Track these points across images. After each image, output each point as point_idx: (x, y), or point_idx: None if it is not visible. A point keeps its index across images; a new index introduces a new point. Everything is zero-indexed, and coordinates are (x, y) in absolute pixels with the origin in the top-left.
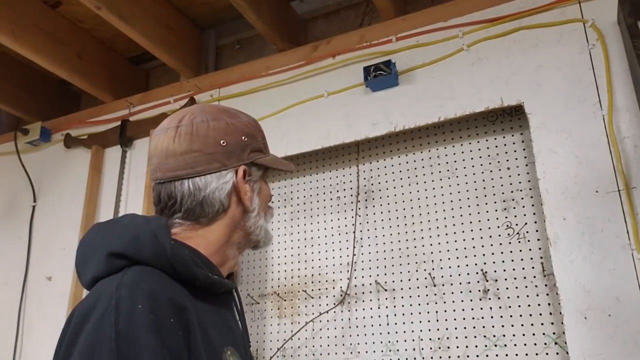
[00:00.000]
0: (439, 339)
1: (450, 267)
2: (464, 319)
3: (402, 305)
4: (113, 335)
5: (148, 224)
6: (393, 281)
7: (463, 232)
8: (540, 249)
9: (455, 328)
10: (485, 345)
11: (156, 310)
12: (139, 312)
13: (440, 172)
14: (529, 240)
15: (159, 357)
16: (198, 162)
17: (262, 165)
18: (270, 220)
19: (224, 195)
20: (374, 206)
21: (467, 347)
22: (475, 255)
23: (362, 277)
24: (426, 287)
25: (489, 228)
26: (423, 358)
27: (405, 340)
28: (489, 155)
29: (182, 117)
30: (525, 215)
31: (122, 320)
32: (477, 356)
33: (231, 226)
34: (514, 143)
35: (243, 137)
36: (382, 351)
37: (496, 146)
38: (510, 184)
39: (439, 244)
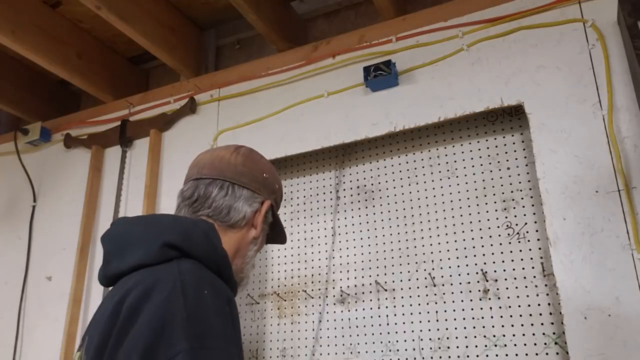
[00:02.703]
0: (439, 339)
1: (450, 267)
2: (464, 319)
3: (402, 305)
4: (184, 314)
5: (197, 224)
6: (393, 281)
7: (463, 232)
8: (540, 249)
9: (455, 328)
10: (485, 345)
11: (216, 297)
12: (206, 297)
13: (440, 172)
14: (529, 240)
15: (223, 339)
16: (244, 176)
17: (275, 218)
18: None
19: (250, 211)
20: (374, 206)
21: (467, 347)
22: (475, 255)
23: (362, 277)
24: (426, 287)
25: (489, 228)
26: (423, 358)
27: (405, 340)
28: (489, 155)
29: (240, 146)
30: (525, 215)
31: (190, 302)
32: (477, 356)
33: (240, 243)
34: (514, 143)
35: (276, 185)
36: (382, 351)
37: (496, 146)
38: (510, 184)
39: (439, 244)
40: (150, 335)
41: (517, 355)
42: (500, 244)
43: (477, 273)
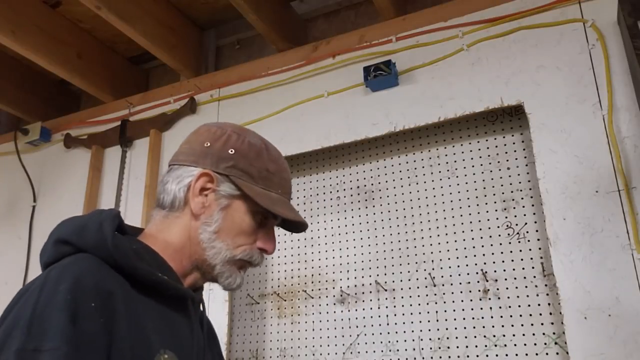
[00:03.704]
0: (439, 339)
1: (450, 267)
2: (464, 319)
3: (402, 305)
4: (29, 314)
5: (100, 215)
6: (393, 281)
7: (463, 232)
8: (540, 249)
9: (455, 328)
10: (485, 345)
11: (76, 293)
12: (59, 292)
13: (440, 172)
14: (529, 240)
15: (65, 338)
16: (182, 153)
17: (239, 188)
18: (242, 263)
19: (179, 188)
20: (374, 206)
21: (467, 347)
22: (475, 255)
23: (362, 277)
24: (426, 287)
25: (489, 228)
26: (423, 358)
27: (405, 340)
28: (489, 155)
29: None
30: (525, 215)
31: (41, 300)
32: (477, 356)
33: (185, 230)
34: (514, 143)
35: (230, 150)
36: (382, 351)
37: (496, 146)
38: (510, 184)
39: (439, 244)
40: (2, 335)
41: (517, 355)
42: (500, 244)
43: (477, 273)
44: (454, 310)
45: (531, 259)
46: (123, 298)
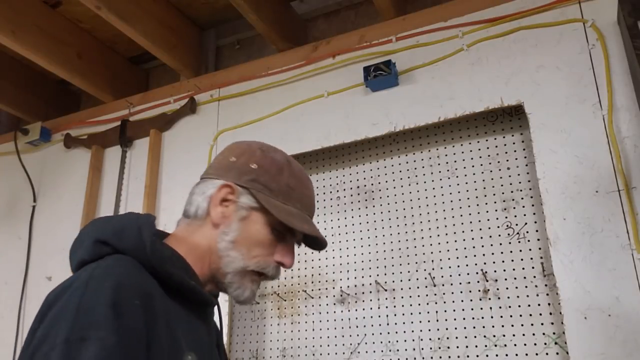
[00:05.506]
0: (439, 339)
1: (450, 267)
2: (464, 319)
3: (402, 305)
4: (74, 307)
5: (137, 219)
6: (393, 281)
7: (463, 232)
8: (540, 249)
9: (455, 328)
10: (485, 345)
11: (121, 290)
12: (104, 288)
13: (440, 172)
14: (529, 240)
15: (111, 329)
16: (211, 167)
17: (258, 201)
18: (254, 276)
19: (202, 199)
20: (374, 206)
21: (467, 347)
22: (475, 255)
23: (362, 277)
24: (426, 287)
25: (489, 228)
26: (423, 358)
27: (405, 340)
28: (489, 155)
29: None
30: (525, 215)
31: (87, 294)
32: (477, 356)
33: (206, 238)
34: (514, 143)
35: (253, 165)
36: (382, 351)
37: (496, 146)
38: (510, 184)
39: (439, 244)
40: (46, 327)
41: (517, 355)
42: (500, 244)
43: (477, 273)
44: (454, 310)
45: (531, 259)
46: (160, 300)
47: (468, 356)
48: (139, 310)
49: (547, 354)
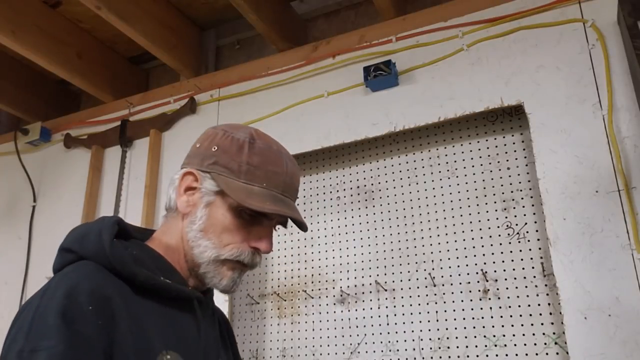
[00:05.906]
0: (439, 339)
1: (450, 267)
2: (464, 319)
3: (402, 305)
4: (30, 318)
5: (101, 222)
6: (393, 281)
7: (463, 232)
8: (540, 249)
9: (455, 328)
10: (485, 345)
11: (74, 296)
12: (57, 297)
13: (440, 172)
14: (529, 240)
15: (60, 338)
16: (187, 156)
17: (218, 185)
18: (232, 264)
19: (172, 190)
20: (374, 206)
21: (467, 347)
22: (475, 255)
23: (362, 277)
24: (426, 287)
25: (489, 228)
26: (423, 358)
27: (405, 340)
28: (489, 155)
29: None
30: (525, 215)
31: (42, 304)
32: (477, 356)
33: (178, 230)
34: (514, 143)
35: (213, 148)
36: (382, 351)
37: (496, 146)
38: (510, 184)
39: (439, 244)
40: (8, 338)
41: (517, 355)
42: (500, 244)
43: (477, 273)
44: (454, 310)
45: (531, 259)
46: (123, 302)
47: (468, 356)
48: (92, 315)
49: (547, 354)
